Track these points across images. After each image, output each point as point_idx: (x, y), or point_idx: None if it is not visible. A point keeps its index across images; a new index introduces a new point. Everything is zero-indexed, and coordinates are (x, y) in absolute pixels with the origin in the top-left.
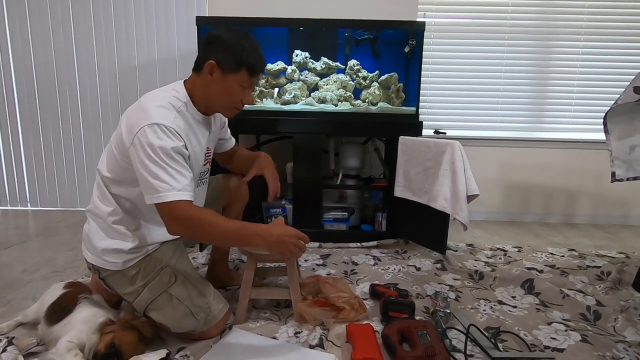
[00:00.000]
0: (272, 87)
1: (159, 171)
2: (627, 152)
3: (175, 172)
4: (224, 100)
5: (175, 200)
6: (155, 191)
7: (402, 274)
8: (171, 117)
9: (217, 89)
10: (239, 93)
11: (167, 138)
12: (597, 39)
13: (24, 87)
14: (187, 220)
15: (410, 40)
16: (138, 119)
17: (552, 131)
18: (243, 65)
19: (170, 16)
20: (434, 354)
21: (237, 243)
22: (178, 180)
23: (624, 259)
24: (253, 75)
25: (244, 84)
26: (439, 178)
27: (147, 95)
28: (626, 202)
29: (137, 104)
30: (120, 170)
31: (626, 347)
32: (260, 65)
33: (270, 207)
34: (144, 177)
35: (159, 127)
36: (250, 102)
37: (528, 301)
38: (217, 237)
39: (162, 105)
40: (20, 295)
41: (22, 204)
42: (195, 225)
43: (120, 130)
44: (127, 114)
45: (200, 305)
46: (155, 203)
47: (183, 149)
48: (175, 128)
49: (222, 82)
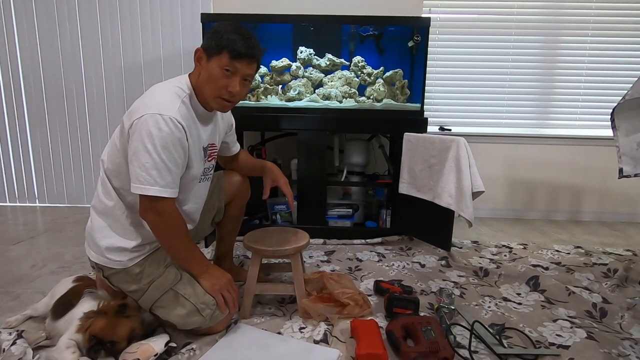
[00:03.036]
0: (276, 83)
1: (148, 162)
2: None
3: (164, 166)
4: (209, 87)
5: (156, 195)
6: (138, 181)
7: (406, 271)
8: (175, 107)
9: (204, 75)
10: (223, 79)
11: (168, 128)
12: (604, 34)
13: (31, 85)
14: (159, 216)
15: (415, 36)
16: (141, 106)
17: (559, 128)
18: (224, 48)
19: (175, 13)
20: (438, 349)
21: (177, 261)
22: (163, 175)
23: (631, 256)
24: (234, 58)
25: (227, 67)
26: (444, 175)
27: (153, 87)
28: (633, 199)
29: (144, 94)
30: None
31: (632, 345)
32: (243, 48)
33: (275, 203)
34: (133, 164)
35: (162, 117)
36: (237, 92)
37: (533, 298)
38: (173, 245)
39: (166, 95)
40: (29, 289)
41: (30, 200)
42: (164, 223)
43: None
44: (134, 103)
45: (206, 302)
46: (137, 192)
47: (183, 141)
48: (178, 118)
49: (207, 67)
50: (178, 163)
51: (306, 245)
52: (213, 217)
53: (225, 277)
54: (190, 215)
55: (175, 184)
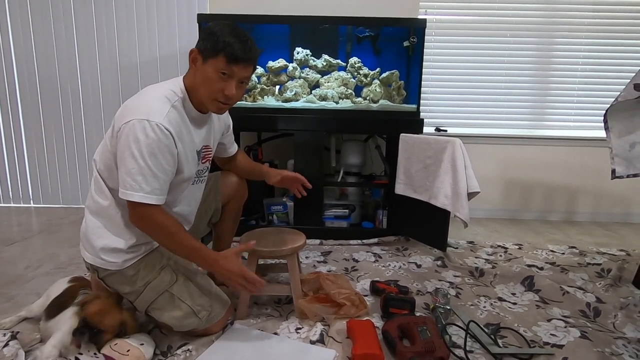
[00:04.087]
0: (273, 84)
1: (134, 168)
2: (627, 149)
3: (150, 172)
4: (205, 90)
5: (141, 202)
6: (124, 187)
7: (402, 271)
8: (164, 112)
9: (200, 77)
10: (219, 82)
11: (154, 135)
12: (599, 37)
13: (26, 85)
14: (147, 223)
15: (411, 37)
16: (132, 109)
17: (554, 129)
18: (221, 51)
19: (171, 13)
20: (433, 349)
21: (188, 259)
22: (149, 181)
23: (625, 256)
24: (231, 62)
25: (223, 70)
26: (439, 175)
27: (146, 87)
28: (627, 200)
29: (135, 95)
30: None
31: (625, 344)
32: (240, 52)
33: (272, 204)
34: (120, 169)
35: (149, 123)
36: (233, 95)
37: (528, 298)
38: (172, 248)
39: (157, 99)
40: (24, 291)
41: (25, 200)
42: (154, 230)
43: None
44: (125, 103)
45: (202, 304)
46: (123, 197)
47: (172, 147)
48: (166, 125)
49: (203, 69)
50: (166, 170)
51: (303, 245)
52: (210, 218)
53: (235, 267)
54: (184, 217)
55: (162, 191)
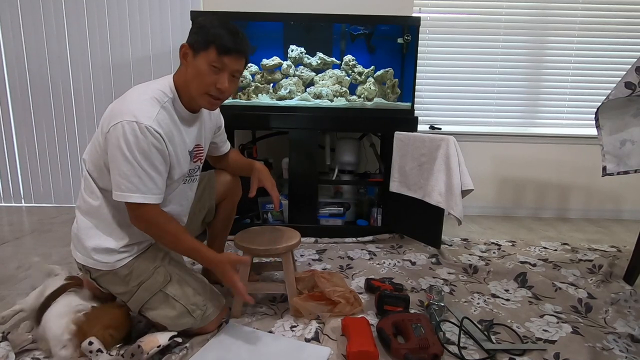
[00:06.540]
0: (267, 82)
1: (128, 170)
2: (617, 146)
3: (144, 173)
4: (196, 84)
5: (139, 202)
6: (120, 189)
7: (397, 268)
8: (153, 114)
9: (191, 72)
10: (211, 75)
11: (144, 137)
12: (590, 35)
13: (16, 82)
14: (147, 223)
15: (405, 35)
16: (120, 110)
17: (546, 127)
18: (211, 43)
19: (164, 11)
20: (427, 346)
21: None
22: (144, 182)
23: (616, 252)
24: (222, 54)
25: (215, 64)
26: (433, 173)
27: (135, 87)
28: (618, 197)
29: (123, 95)
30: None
31: (616, 338)
32: (230, 43)
33: (267, 202)
34: (113, 172)
35: (138, 124)
36: (226, 88)
37: (521, 294)
38: (172, 247)
39: (146, 100)
40: (15, 291)
41: (16, 200)
42: (154, 230)
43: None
44: (113, 104)
45: (196, 303)
46: (119, 200)
47: (162, 149)
48: (155, 127)
49: (194, 64)
50: (159, 169)
51: (297, 244)
52: (204, 217)
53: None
54: (175, 216)
55: (159, 190)
